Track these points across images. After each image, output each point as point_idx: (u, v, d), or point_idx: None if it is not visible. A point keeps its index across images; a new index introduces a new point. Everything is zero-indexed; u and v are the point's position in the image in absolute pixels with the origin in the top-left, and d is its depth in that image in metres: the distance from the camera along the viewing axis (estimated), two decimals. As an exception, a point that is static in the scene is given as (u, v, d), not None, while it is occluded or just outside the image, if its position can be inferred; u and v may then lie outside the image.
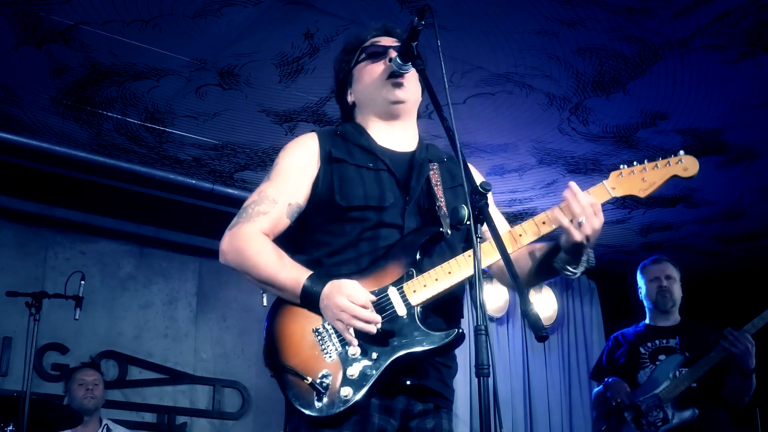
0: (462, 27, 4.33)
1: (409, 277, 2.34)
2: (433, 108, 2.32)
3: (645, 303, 5.04)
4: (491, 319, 7.34)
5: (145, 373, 6.49)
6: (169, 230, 6.77)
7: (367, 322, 2.23)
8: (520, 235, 2.37)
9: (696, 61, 4.64)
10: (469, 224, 2.07)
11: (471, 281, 2.40)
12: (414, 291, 2.32)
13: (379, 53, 2.63)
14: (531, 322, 1.92)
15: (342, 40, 4.13)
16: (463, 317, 2.52)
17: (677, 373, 4.65)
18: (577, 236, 2.28)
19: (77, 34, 4.37)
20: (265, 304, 5.30)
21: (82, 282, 5.11)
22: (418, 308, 2.31)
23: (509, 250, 2.25)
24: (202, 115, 5.27)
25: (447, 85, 2.23)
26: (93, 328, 6.28)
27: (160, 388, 6.51)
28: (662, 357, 4.76)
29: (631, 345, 4.94)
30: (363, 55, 2.66)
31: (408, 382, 2.30)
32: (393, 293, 2.32)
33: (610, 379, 4.82)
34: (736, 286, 7.73)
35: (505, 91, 4.98)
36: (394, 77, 2.55)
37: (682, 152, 2.60)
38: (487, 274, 2.54)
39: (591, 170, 6.03)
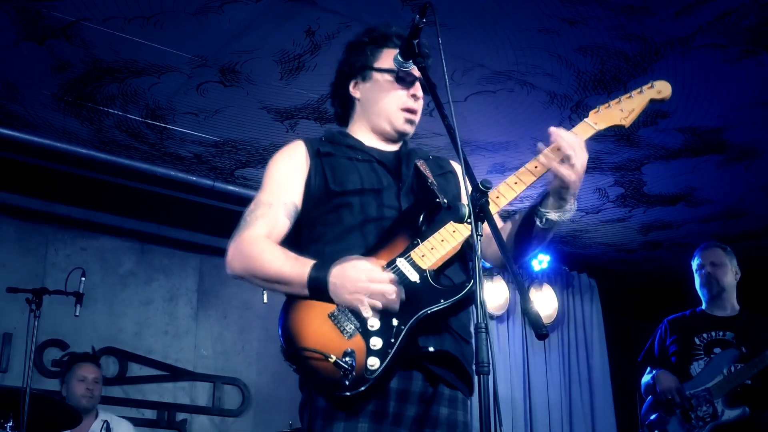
0: (463, 25, 4.33)
1: (415, 246, 2.37)
2: (434, 106, 2.33)
3: (699, 292, 4.95)
4: (491, 317, 7.34)
5: (145, 369, 6.49)
6: (169, 227, 6.77)
7: (388, 293, 2.24)
8: (516, 183, 2.42)
9: (697, 60, 4.64)
10: (470, 222, 2.08)
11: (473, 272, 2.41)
12: (423, 255, 2.35)
13: (409, 81, 2.60)
14: (531, 320, 1.92)
15: (343, 38, 4.13)
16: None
17: (732, 368, 4.56)
18: (567, 172, 2.33)
19: (78, 30, 4.37)
20: (265, 301, 5.31)
21: (83, 278, 5.09)
22: (430, 271, 2.33)
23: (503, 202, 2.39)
24: (203, 112, 5.27)
25: (448, 83, 2.24)
26: (93, 324, 6.28)
27: (160, 384, 6.52)
28: (717, 350, 4.67)
29: (685, 333, 4.84)
30: (394, 69, 2.59)
31: (431, 349, 2.30)
32: (402, 263, 2.34)
33: (658, 371, 4.74)
34: (738, 285, 7.72)
35: (506, 89, 4.98)
36: (410, 113, 2.60)
37: (653, 80, 2.73)
38: (487, 270, 2.55)
39: (592, 168, 6.02)
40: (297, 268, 2.33)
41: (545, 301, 7.69)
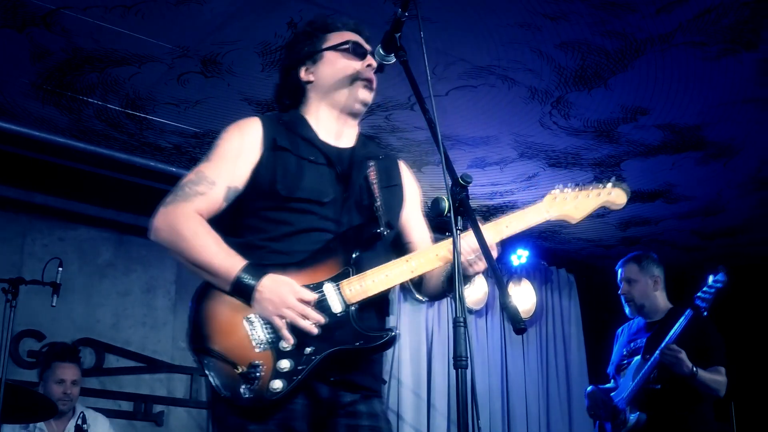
0: (445, 19, 4.33)
1: (346, 274, 2.35)
2: (415, 100, 2.33)
3: None
4: (470, 311, 7.36)
5: (122, 361, 6.44)
6: (148, 218, 6.67)
7: (312, 322, 2.24)
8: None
9: (677, 58, 4.67)
10: (449, 216, 2.08)
11: (450, 275, 2.41)
12: (350, 289, 2.34)
13: (360, 53, 2.63)
14: (509, 314, 1.93)
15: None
16: (390, 314, 2.55)
17: (640, 375, 4.71)
18: (468, 272, 2.38)
19: (59, 18, 4.33)
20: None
21: (60, 269, 5.05)
22: (354, 306, 2.33)
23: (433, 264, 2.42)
24: (183, 103, 5.24)
25: (429, 77, 2.24)
26: (70, 315, 6.24)
27: (137, 376, 6.48)
28: (634, 359, 4.83)
29: (621, 344, 5.06)
30: (344, 44, 2.64)
31: (332, 379, 2.31)
32: (329, 289, 2.33)
33: (589, 389, 5.04)
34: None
35: (487, 84, 4.98)
36: (368, 81, 2.58)
37: (613, 179, 2.74)
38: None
39: (571, 164, 6.06)
40: (227, 263, 2.32)
41: (524, 296, 7.72)
